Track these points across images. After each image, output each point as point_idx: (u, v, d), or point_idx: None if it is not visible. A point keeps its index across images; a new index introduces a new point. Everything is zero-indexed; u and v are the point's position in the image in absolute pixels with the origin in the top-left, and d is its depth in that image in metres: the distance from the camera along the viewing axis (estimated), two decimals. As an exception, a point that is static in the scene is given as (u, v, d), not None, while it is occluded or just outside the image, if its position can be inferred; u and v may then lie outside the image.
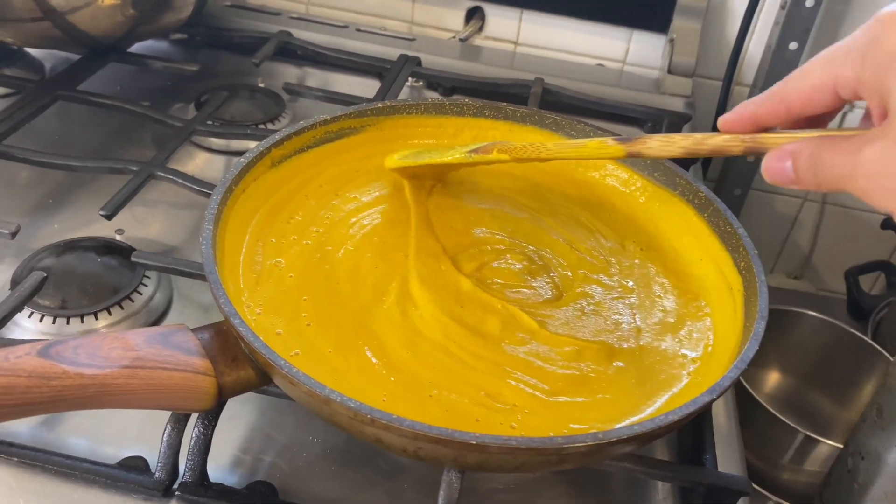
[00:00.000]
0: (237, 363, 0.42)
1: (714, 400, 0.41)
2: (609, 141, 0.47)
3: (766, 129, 0.39)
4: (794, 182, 0.37)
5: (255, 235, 0.52)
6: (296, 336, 0.46)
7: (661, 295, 0.53)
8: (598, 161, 0.63)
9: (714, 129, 1.02)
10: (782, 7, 0.93)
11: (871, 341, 0.88)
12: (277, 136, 0.56)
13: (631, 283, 0.54)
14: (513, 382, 0.45)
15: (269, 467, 0.50)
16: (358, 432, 0.40)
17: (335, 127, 0.60)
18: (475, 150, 0.53)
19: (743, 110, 0.39)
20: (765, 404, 0.79)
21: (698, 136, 0.42)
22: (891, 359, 0.84)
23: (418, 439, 0.38)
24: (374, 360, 0.45)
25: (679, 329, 0.51)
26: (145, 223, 0.68)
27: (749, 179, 1.05)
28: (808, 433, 0.77)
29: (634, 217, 0.59)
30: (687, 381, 0.47)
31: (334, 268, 0.51)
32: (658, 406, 0.45)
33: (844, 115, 1.02)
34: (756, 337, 0.45)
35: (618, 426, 0.41)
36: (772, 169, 0.37)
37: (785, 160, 0.36)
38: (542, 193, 0.61)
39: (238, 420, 0.52)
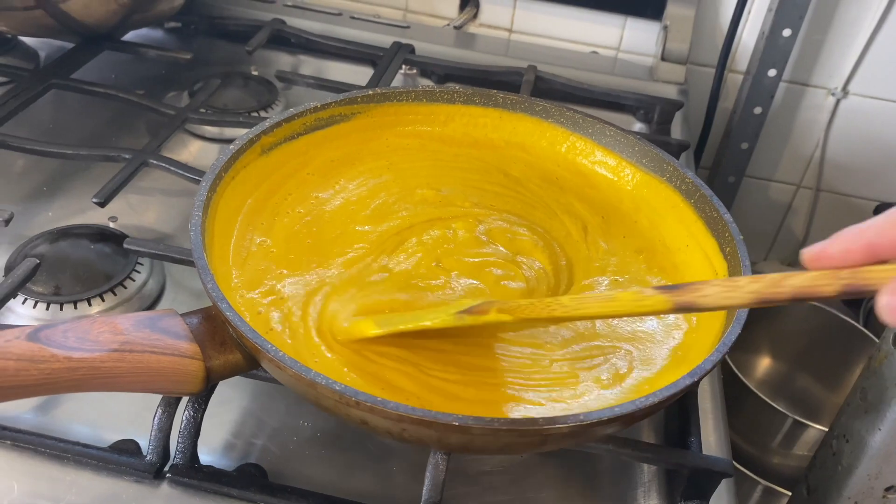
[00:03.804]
0: (225, 347, 0.43)
1: (695, 383, 0.42)
2: (647, 291, 0.37)
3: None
4: None
5: (245, 220, 0.52)
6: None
7: (645, 280, 0.54)
8: (585, 149, 0.63)
9: (708, 113, 1.03)
10: (776, -6, 0.93)
11: (860, 327, 0.88)
12: (267, 124, 0.56)
13: (612, 268, 0.54)
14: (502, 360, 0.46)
15: (259, 451, 0.51)
16: (344, 415, 0.40)
17: (325, 114, 0.60)
18: (466, 311, 0.44)
19: (854, 239, 0.30)
20: (754, 389, 0.79)
21: (773, 276, 0.32)
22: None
23: (402, 421, 0.38)
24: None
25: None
26: (139, 211, 0.69)
27: (743, 166, 1.06)
28: (797, 418, 0.78)
29: (619, 204, 0.60)
30: (668, 364, 0.48)
31: (315, 243, 0.52)
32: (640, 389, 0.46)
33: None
34: (738, 321, 0.45)
35: (599, 408, 0.42)
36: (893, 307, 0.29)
37: None
38: (518, 179, 0.61)
39: (230, 405, 0.53)
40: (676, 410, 0.53)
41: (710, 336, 0.48)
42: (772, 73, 0.97)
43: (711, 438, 0.53)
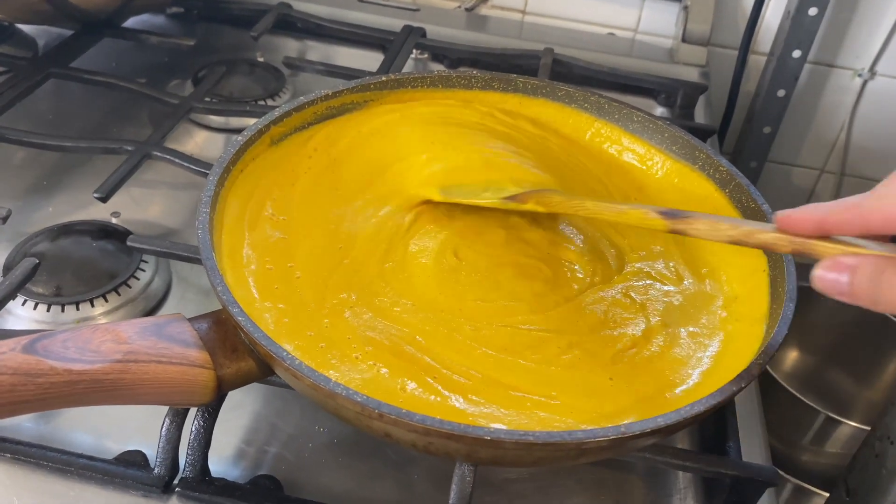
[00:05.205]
0: (237, 354, 0.40)
1: (742, 389, 0.39)
2: (651, 213, 0.42)
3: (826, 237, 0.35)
4: (848, 296, 0.34)
5: (253, 214, 0.49)
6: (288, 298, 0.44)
7: (678, 276, 0.50)
8: (611, 136, 0.60)
9: (731, 97, 0.99)
10: (802, -29, 0.89)
11: (894, 318, 0.85)
12: (276, 113, 0.53)
13: (643, 265, 0.51)
14: (523, 362, 0.43)
15: (273, 459, 0.48)
16: (366, 427, 0.38)
17: (337, 102, 0.57)
18: (511, 198, 0.50)
19: (810, 213, 0.35)
20: (784, 384, 0.77)
21: (747, 227, 0.38)
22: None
23: (429, 434, 0.35)
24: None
25: (698, 313, 0.48)
26: (143, 205, 0.66)
27: (765, 151, 1.02)
28: (830, 414, 0.75)
29: (647, 192, 0.56)
30: (707, 367, 0.45)
31: (328, 225, 0.50)
32: (679, 393, 0.43)
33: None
34: (785, 320, 0.42)
35: (639, 420, 0.39)
36: (824, 279, 0.34)
37: (841, 272, 0.33)
38: (558, 167, 0.58)
39: (241, 410, 0.50)
40: (712, 414, 0.50)
41: (750, 341, 0.45)
42: (796, 54, 0.93)
43: (749, 443, 0.51)
